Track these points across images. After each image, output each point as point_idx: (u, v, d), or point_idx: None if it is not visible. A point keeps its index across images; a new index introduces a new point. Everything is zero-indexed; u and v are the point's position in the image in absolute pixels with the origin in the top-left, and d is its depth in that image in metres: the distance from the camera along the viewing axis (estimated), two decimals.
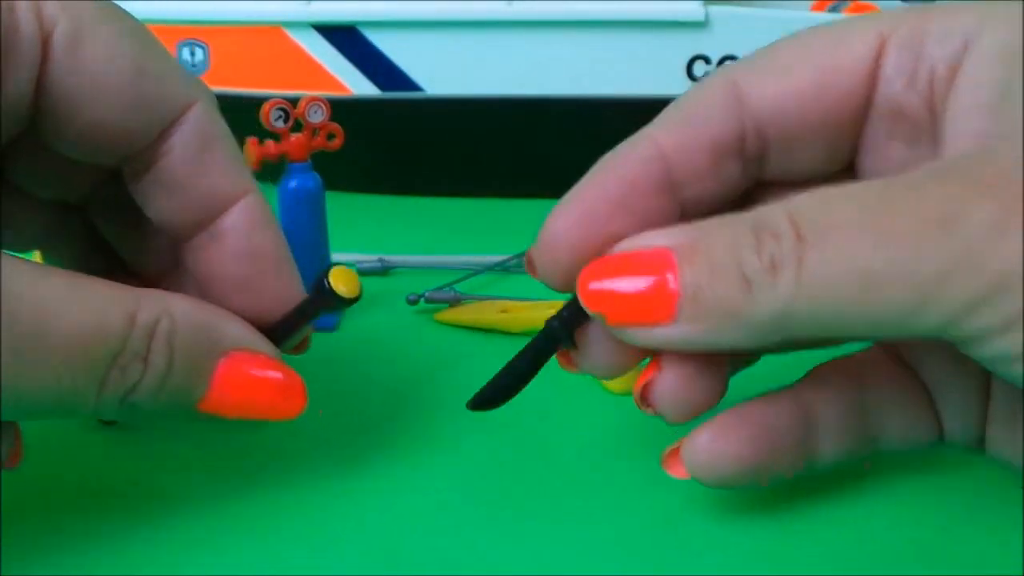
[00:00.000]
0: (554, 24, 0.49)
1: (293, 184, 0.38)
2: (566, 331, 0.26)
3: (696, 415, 0.26)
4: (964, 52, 0.24)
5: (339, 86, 0.51)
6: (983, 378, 0.26)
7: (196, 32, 0.51)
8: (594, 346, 0.26)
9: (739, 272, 0.22)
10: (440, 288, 0.42)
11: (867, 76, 0.25)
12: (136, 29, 0.26)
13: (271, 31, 0.51)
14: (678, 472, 0.26)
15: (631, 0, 0.49)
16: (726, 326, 0.22)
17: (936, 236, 0.20)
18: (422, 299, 0.41)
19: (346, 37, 0.51)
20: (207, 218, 0.27)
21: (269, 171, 0.39)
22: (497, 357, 0.37)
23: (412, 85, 0.51)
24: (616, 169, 0.25)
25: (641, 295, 0.23)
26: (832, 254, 0.21)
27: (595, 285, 0.24)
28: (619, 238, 0.24)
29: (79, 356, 0.24)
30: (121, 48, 0.26)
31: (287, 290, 0.28)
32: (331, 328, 0.40)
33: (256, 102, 0.38)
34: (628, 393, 0.29)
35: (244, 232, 0.27)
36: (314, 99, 0.38)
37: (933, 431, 0.27)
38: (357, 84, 0.51)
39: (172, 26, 0.52)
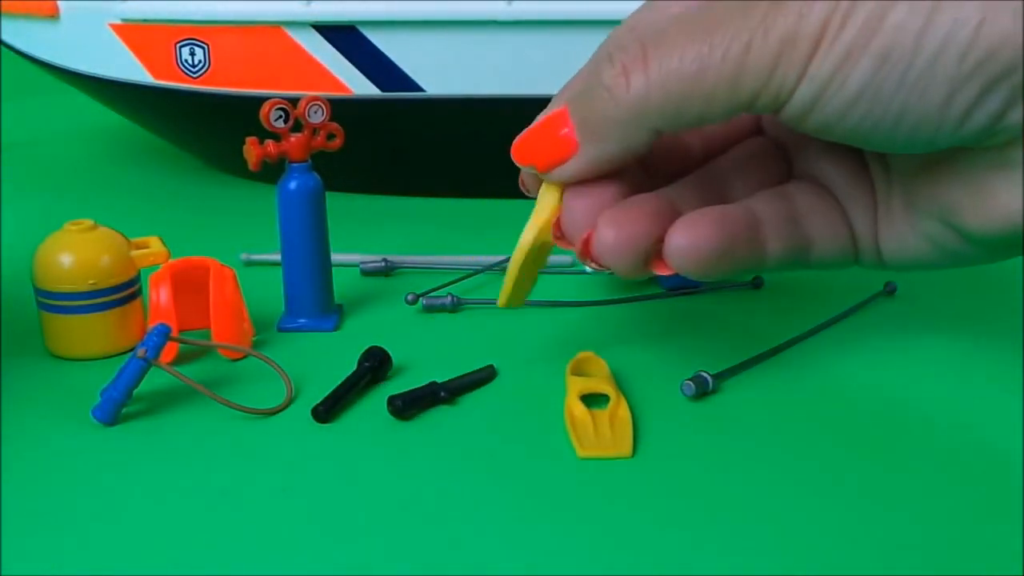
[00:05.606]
0: (554, 24, 0.49)
1: (293, 184, 0.38)
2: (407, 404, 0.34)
3: (637, 267, 0.30)
4: None
5: (339, 86, 0.51)
6: (870, 183, 0.32)
7: (196, 32, 0.52)
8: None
9: (602, 86, 0.29)
10: (438, 288, 0.42)
11: None
12: None
13: (271, 31, 0.51)
14: (663, 269, 0.30)
15: (631, 0, 0.49)
16: (609, 132, 0.29)
17: (739, 20, 0.27)
18: (421, 299, 0.41)
19: (346, 37, 0.51)
20: None
21: (269, 171, 0.39)
22: (494, 358, 0.37)
23: (412, 85, 0.51)
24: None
25: (551, 144, 0.30)
26: (672, 51, 0.27)
27: (522, 150, 0.31)
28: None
29: None
30: None
31: None
32: (331, 328, 0.40)
33: (256, 102, 0.38)
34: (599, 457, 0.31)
35: None
36: (314, 99, 0.38)
37: (849, 241, 0.32)
38: (357, 84, 0.51)
39: (172, 26, 0.52)
